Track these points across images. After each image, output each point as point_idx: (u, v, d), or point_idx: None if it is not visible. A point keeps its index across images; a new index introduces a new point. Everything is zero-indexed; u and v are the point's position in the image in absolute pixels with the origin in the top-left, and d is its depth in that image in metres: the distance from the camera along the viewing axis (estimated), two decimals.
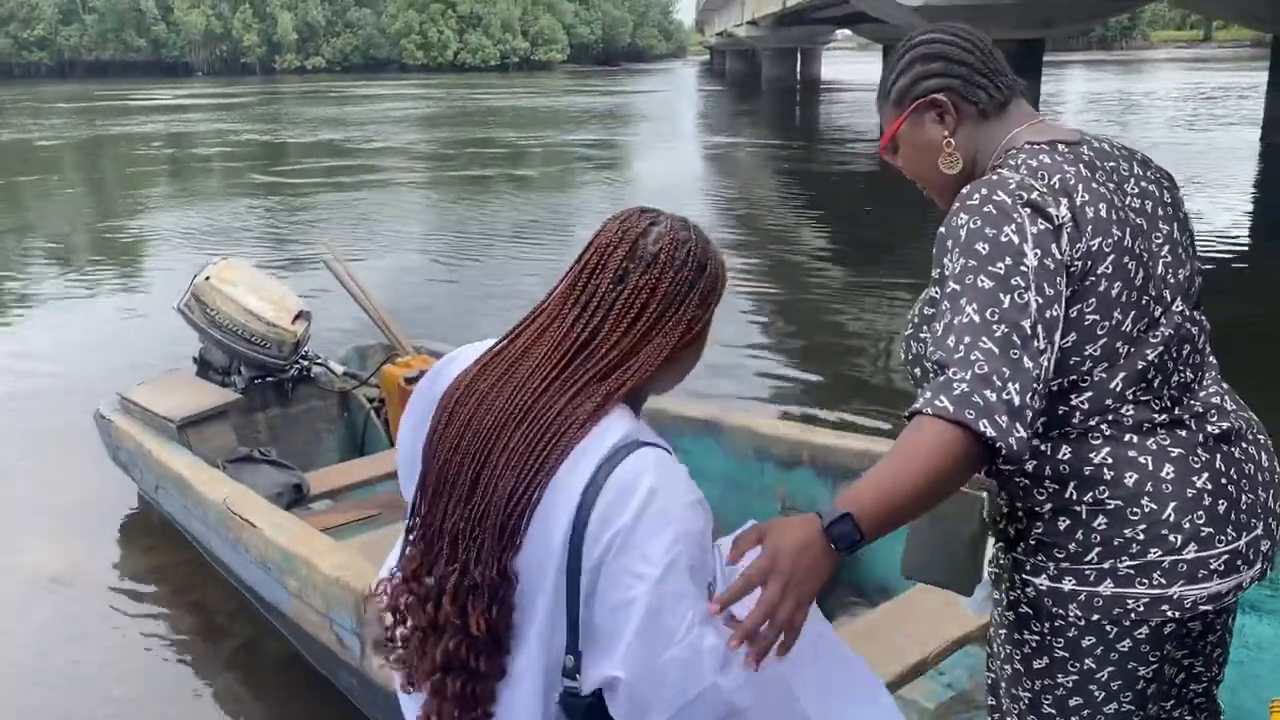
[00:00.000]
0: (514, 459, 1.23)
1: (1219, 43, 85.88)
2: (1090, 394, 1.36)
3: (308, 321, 4.45)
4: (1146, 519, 1.34)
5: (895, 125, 1.51)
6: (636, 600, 1.18)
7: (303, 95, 46.17)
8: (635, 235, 1.31)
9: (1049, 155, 1.38)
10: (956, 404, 1.18)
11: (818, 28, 43.98)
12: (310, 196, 14.86)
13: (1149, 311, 1.36)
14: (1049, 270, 1.26)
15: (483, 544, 1.23)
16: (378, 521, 3.97)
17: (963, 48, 1.46)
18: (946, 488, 1.21)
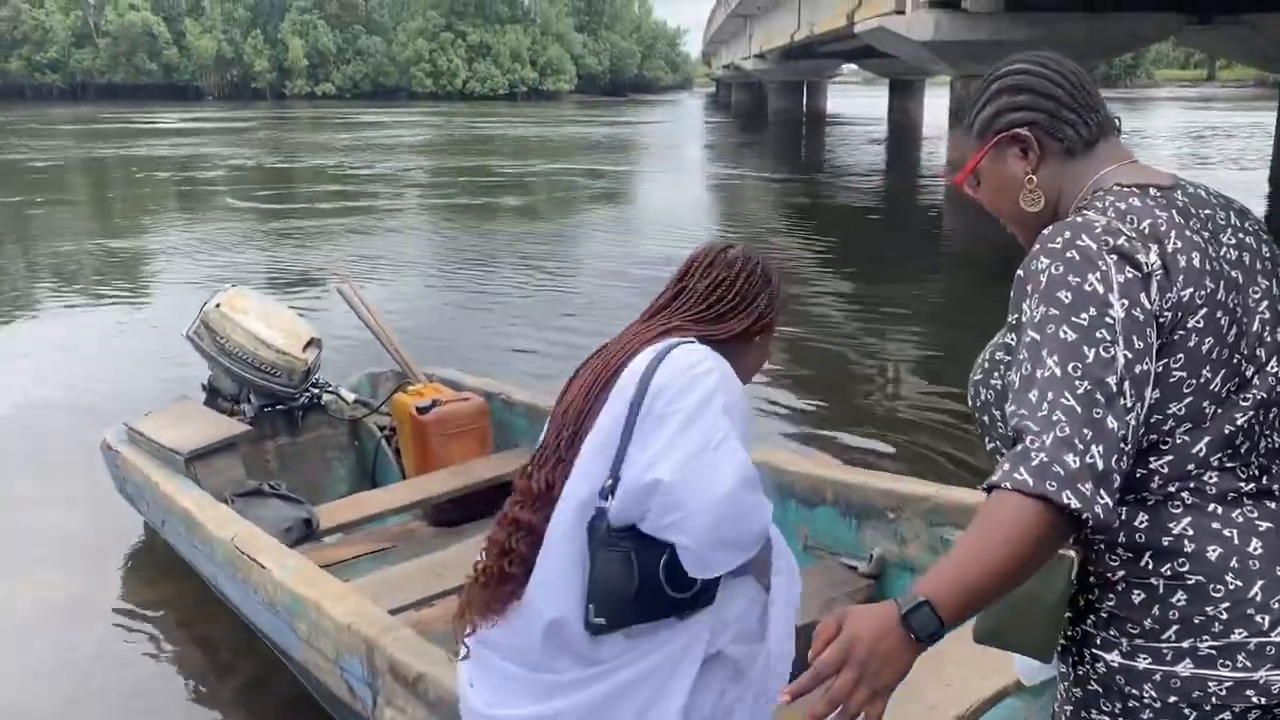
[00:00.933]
0: (584, 382, 1.64)
1: (1222, 82, 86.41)
2: (1171, 458, 1.26)
3: (318, 349, 4.40)
4: (1230, 597, 1.24)
5: (977, 158, 1.44)
6: (677, 413, 1.50)
7: (312, 121, 46.45)
8: (718, 251, 1.77)
9: (1139, 199, 1.30)
10: (1036, 476, 1.12)
11: (824, 62, 44.24)
12: (322, 223, 14.87)
13: (1240, 371, 1.27)
14: (1138, 321, 1.19)
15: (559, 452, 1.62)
16: (391, 556, 3.90)
17: (1052, 80, 1.38)
18: (1032, 566, 1.15)
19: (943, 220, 16.09)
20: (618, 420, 1.55)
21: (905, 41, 17.46)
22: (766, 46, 41.56)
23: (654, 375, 1.55)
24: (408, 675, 2.32)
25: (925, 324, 8.55)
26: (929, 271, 11.24)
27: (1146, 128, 36.26)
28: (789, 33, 33.43)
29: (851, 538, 3.13)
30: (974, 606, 1.16)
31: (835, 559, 3.13)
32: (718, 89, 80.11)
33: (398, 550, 3.97)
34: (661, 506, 1.48)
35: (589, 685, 1.58)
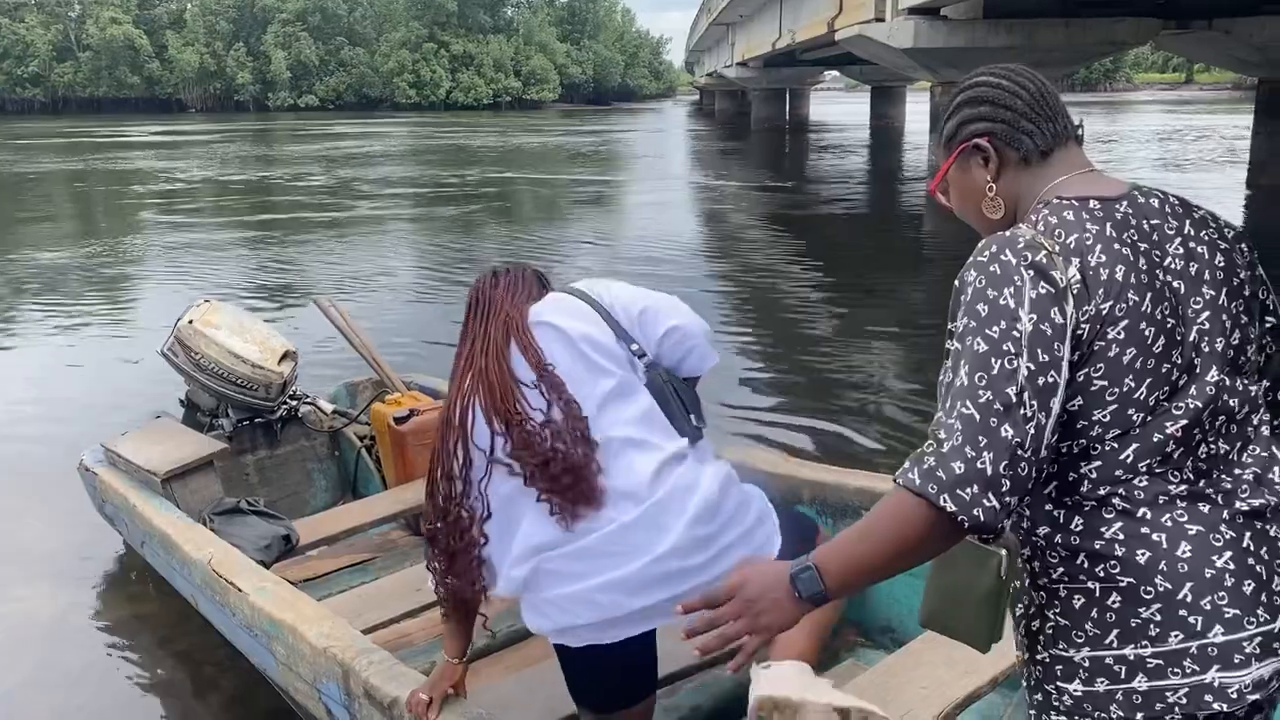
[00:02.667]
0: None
1: (1200, 85, 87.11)
2: (1100, 463, 1.31)
3: (294, 361, 4.39)
4: (1160, 599, 1.28)
5: (945, 166, 1.51)
6: (636, 296, 2.14)
7: (293, 132, 46.38)
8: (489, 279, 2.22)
9: (1073, 212, 1.34)
10: (923, 478, 1.23)
11: (807, 69, 44.39)
12: (300, 234, 14.84)
13: (1170, 380, 1.30)
14: (1045, 335, 1.24)
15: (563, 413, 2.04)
16: (371, 568, 3.89)
17: (1010, 91, 1.43)
18: (913, 556, 1.28)
19: (924, 225, 16.16)
20: (599, 327, 2.04)
21: (886, 48, 17.55)
22: (749, 54, 41.71)
23: (583, 292, 2.10)
24: (382, 700, 2.31)
25: (906, 327, 8.58)
26: (911, 275, 11.30)
27: (1126, 130, 36.54)
28: (771, 40, 33.56)
29: (830, 537, 3.13)
30: (856, 582, 1.33)
31: None
32: (701, 97, 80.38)
33: (379, 561, 3.96)
34: (682, 335, 2.09)
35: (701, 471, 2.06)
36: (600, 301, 2.09)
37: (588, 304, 2.08)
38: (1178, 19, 16.65)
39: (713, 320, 9.16)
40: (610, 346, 2.04)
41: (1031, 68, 1.48)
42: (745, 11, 39.19)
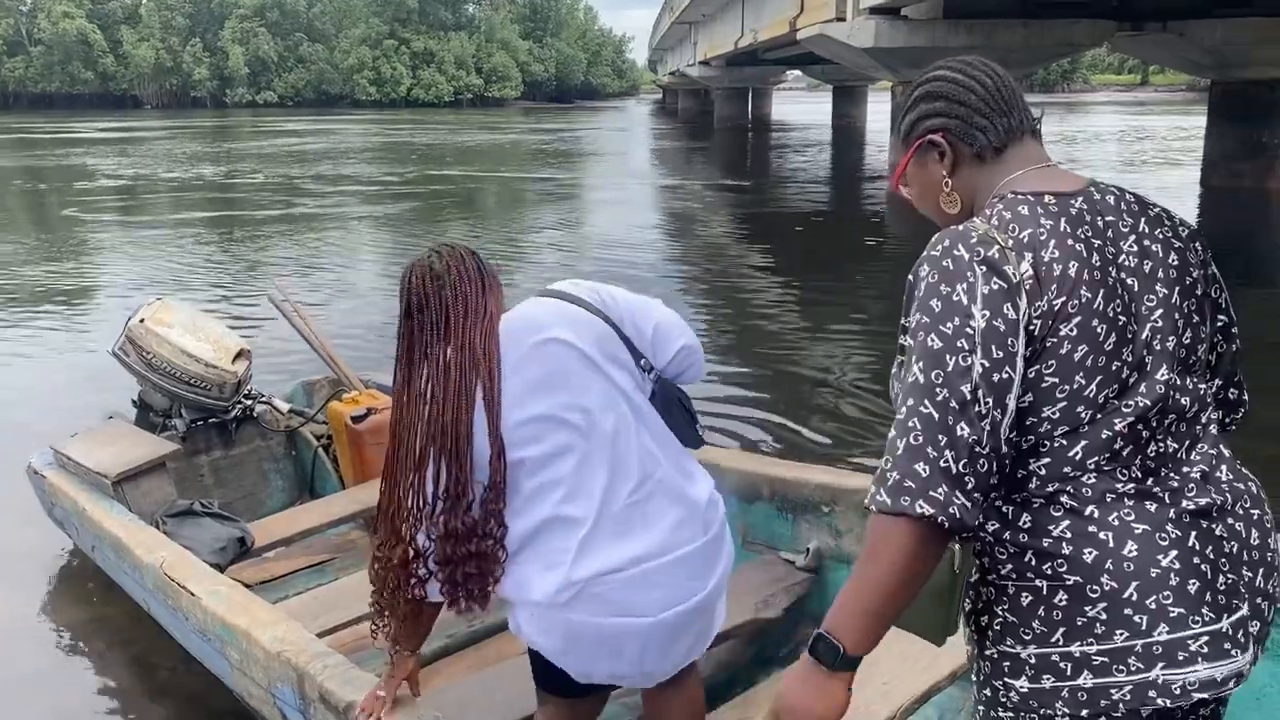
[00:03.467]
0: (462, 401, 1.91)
1: (1155, 86, 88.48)
2: (1049, 460, 1.31)
3: (249, 360, 4.31)
4: (1106, 597, 1.27)
5: (904, 161, 1.52)
6: (639, 307, 2.04)
7: (249, 129, 45.86)
8: (425, 273, 2.01)
9: (1028, 207, 1.34)
10: (893, 494, 1.23)
11: (769, 68, 44.58)
12: (257, 231, 14.67)
13: (1120, 378, 1.30)
14: (999, 331, 1.24)
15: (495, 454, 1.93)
16: (329, 569, 3.84)
17: (965, 86, 1.43)
18: (917, 578, 1.26)
19: (885, 224, 16.26)
20: (609, 334, 1.95)
21: (847, 48, 17.62)
22: (711, 53, 41.80)
23: (588, 301, 1.97)
24: (338, 704, 2.28)
25: (867, 323, 8.63)
26: (871, 273, 11.36)
27: (1084, 130, 37.01)
28: (733, 40, 33.64)
29: (788, 532, 3.14)
30: (874, 628, 1.28)
31: (774, 554, 3.15)
32: (664, 96, 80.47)
33: (337, 561, 3.91)
34: (688, 352, 2.05)
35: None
36: (606, 311, 1.96)
37: (591, 313, 1.95)
38: (1133, 21, 16.86)
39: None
40: (626, 360, 1.96)
41: None
42: (708, 10, 39.27)
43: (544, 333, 1.90)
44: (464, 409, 1.84)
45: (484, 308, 1.92)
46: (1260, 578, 1.35)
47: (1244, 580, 1.33)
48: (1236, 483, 1.38)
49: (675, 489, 1.96)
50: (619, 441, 1.91)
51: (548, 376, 1.89)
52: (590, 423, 1.89)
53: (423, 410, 1.86)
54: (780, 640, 2.98)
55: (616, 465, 1.90)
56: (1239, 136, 17.51)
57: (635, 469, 1.92)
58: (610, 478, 1.89)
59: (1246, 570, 1.34)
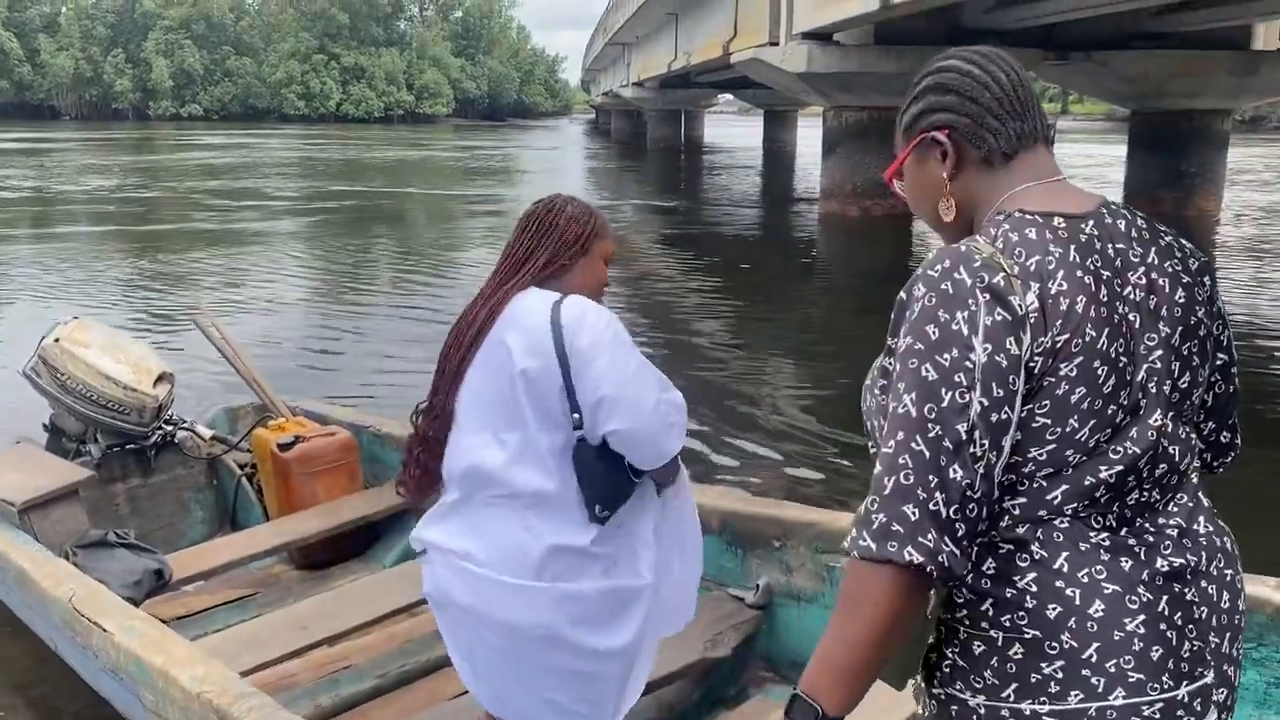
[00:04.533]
0: (455, 338, 2.00)
1: (1075, 115, 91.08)
2: (1025, 500, 1.22)
3: (171, 384, 4.13)
4: (1065, 655, 1.19)
5: (902, 156, 1.38)
6: (601, 354, 1.87)
7: (169, 141, 44.86)
8: (529, 211, 2.10)
9: (1036, 230, 1.23)
10: (878, 539, 1.14)
11: (702, 91, 44.87)
12: (182, 249, 14.27)
13: (1113, 422, 1.21)
14: (1000, 368, 1.14)
15: (445, 388, 2.00)
16: (250, 604, 3.66)
17: (981, 82, 1.30)
18: (900, 628, 1.17)
19: (815, 246, 16.42)
20: (552, 374, 1.87)
21: (779, 72, 17.75)
22: (644, 75, 41.97)
23: (563, 333, 1.87)
24: None
25: (802, 349, 8.63)
26: (805, 297, 11.41)
27: None
28: (666, 62, 33.81)
29: (738, 568, 3.06)
30: (856, 685, 1.18)
31: (723, 590, 3.05)
32: (597, 115, 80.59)
33: (261, 596, 3.74)
34: (621, 439, 1.89)
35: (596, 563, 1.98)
36: (568, 351, 1.88)
37: (554, 345, 1.88)
38: (1058, 50, 17.28)
39: None
40: (552, 409, 1.90)
41: None
42: (641, 32, 39.44)
43: (501, 331, 1.94)
44: (459, 345, 1.98)
45: (527, 266, 2.01)
46: (1226, 643, 1.29)
47: (1210, 647, 1.26)
48: (1214, 536, 1.31)
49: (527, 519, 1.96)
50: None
51: (489, 372, 1.94)
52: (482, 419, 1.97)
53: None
54: (729, 680, 2.89)
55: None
56: (1159, 165, 18.06)
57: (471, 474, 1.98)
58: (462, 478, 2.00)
59: (1214, 636, 1.27)
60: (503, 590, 1.93)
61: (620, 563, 1.98)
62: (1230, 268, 13.36)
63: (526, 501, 1.93)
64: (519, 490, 1.93)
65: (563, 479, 1.92)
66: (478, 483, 1.96)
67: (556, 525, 1.93)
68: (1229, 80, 17.04)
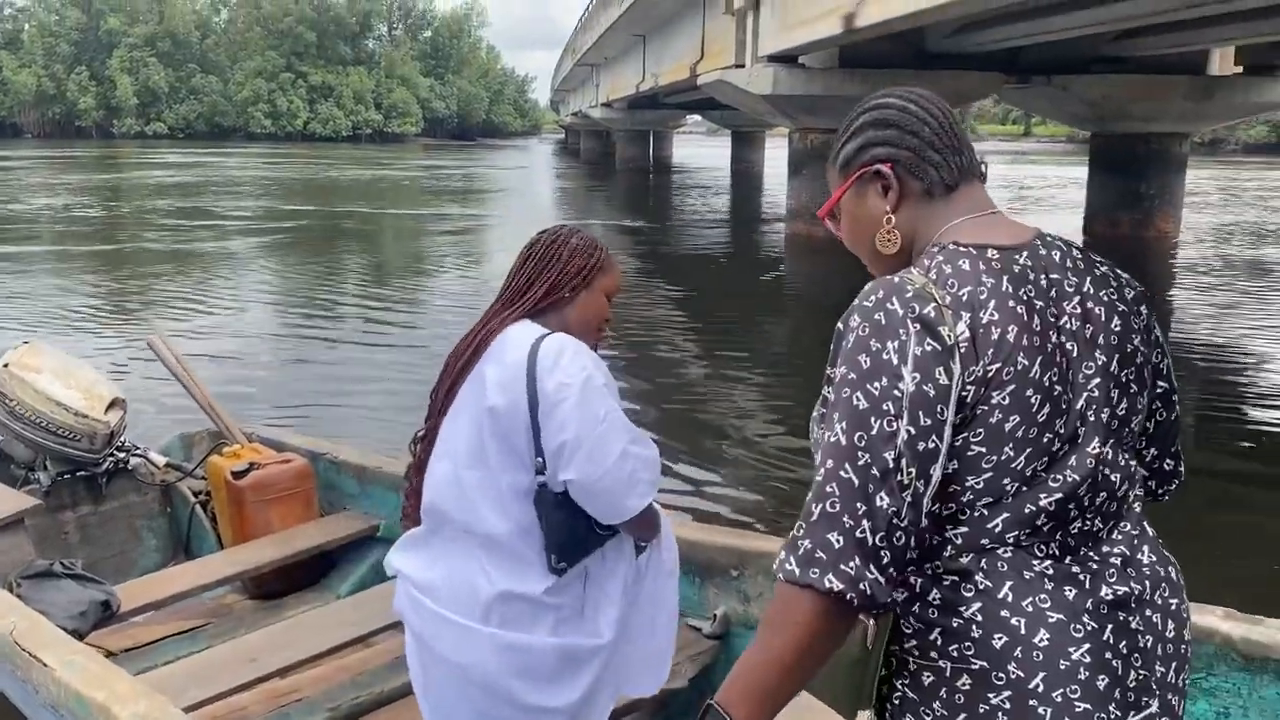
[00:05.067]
0: (449, 365, 1.97)
1: (1037, 137, 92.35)
2: (967, 529, 1.23)
3: (123, 410, 4.05)
4: (1012, 686, 1.19)
5: (839, 192, 1.40)
6: (567, 398, 1.80)
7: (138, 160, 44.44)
8: (531, 243, 2.03)
9: (969, 261, 1.24)
10: (802, 564, 1.15)
11: (670, 112, 45.09)
12: (139, 270, 14.10)
13: (1050, 450, 1.22)
14: (928, 397, 1.16)
15: (434, 415, 1.98)
16: (201, 635, 3.58)
17: (919, 117, 1.33)
18: (819, 653, 1.18)
19: (783, 266, 16.49)
20: (520, 413, 1.82)
21: (745, 94, 17.86)
22: (613, 95, 42.11)
23: (536, 371, 1.82)
24: None
25: (768, 369, 8.65)
26: (772, 317, 11.44)
27: None
28: (634, 83, 33.94)
29: (695, 597, 3.03)
30: (769, 704, 1.18)
31: (680, 620, 3.02)
32: (567, 135, 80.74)
33: (212, 628, 3.66)
34: (578, 490, 1.82)
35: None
36: (538, 390, 1.82)
37: (526, 384, 1.83)
38: (1020, 74, 17.53)
39: None
40: (517, 450, 1.85)
41: None
42: (610, 53, 39.60)
43: (484, 361, 1.91)
44: (449, 372, 1.97)
45: (525, 296, 1.97)
46: (1172, 672, 1.29)
47: (1156, 676, 1.27)
48: (1158, 566, 1.32)
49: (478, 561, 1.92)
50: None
51: (464, 404, 1.91)
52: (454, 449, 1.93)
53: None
54: (686, 710, 2.85)
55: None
56: (1118, 187, 18.33)
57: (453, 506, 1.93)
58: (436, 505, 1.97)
59: (1159, 665, 1.27)
60: (450, 628, 1.90)
61: (575, 618, 1.90)
62: (1188, 288, 13.56)
63: (479, 541, 1.88)
64: (472, 529, 1.88)
65: (521, 523, 1.86)
66: (440, 516, 1.94)
67: (509, 570, 1.87)
68: (1186, 104, 17.36)
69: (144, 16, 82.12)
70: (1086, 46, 16.59)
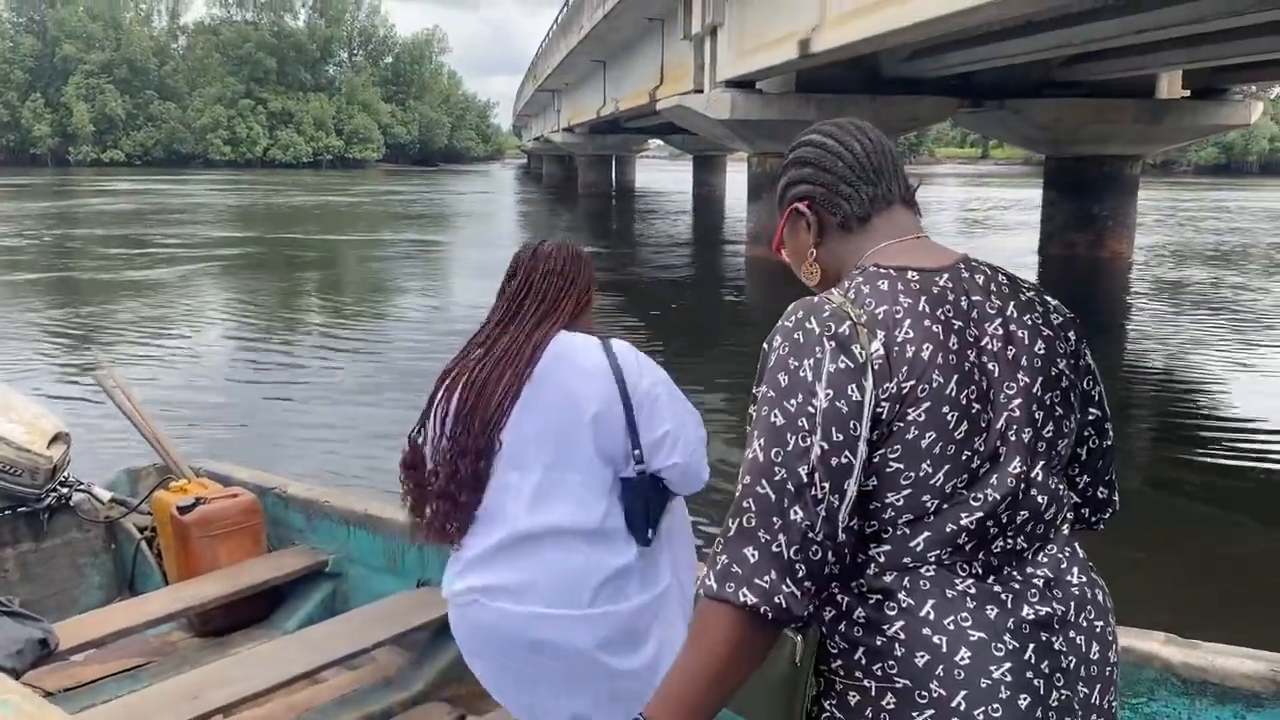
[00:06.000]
0: (500, 384, 1.99)
1: (995, 160, 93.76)
2: (889, 548, 1.24)
3: (67, 444, 3.97)
4: (934, 704, 1.20)
5: (779, 227, 1.47)
6: (659, 393, 2.02)
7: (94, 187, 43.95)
8: (536, 248, 2.13)
9: (888, 282, 1.28)
10: (719, 580, 1.18)
11: (631, 136, 45.33)
12: (86, 300, 13.91)
13: (969, 467, 1.23)
14: (841, 413, 1.19)
15: (482, 427, 1.99)
16: (144, 674, 3.50)
17: (834, 153, 1.38)
18: (739, 666, 1.19)
19: (745, 289, 16.57)
20: (616, 414, 1.96)
21: (704, 119, 18.01)
22: (574, 120, 42.26)
23: (624, 375, 1.98)
24: None
25: (726, 391, 8.66)
26: (732, 339, 11.48)
27: (929, 200, 38.78)
28: (595, 108, 34.10)
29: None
30: (695, 716, 1.20)
31: None
32: (529, 161, 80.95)
33: (155, 666, 3.57)
34: (680, 471, 2.01)
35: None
36: (630, 393, 1.99)
37: (618, 387, 1.98)
38: (973, 99, 17.81)
39: None
40: (613, 447, 1.99)
41: None
42: (570, 79, 39.77)
43: (546, 376, 1.99)
44: (499, 382, 1.99)
45: (561, 307, 2.07)
46: (1096, 694, 1.30)
47: (1079, 697, 1.27)
48: (1086, 588, 1.32)
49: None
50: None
51: (545, 412, 1.97)
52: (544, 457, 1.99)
53: (464, 376, 2.03)
54: None
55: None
56: (1072, 209, 18.65)
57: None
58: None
59: (1083, 687, 1.28)
60: (554, 623, 1.97)
61: (650, 570, 2.06)
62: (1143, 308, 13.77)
63: (582, 535, 1.97)
64: (576, 525, 1.97)
65: (610, 509, 2.00)
66: (522, 521, 1.98)
67: (610, 551, 2.00)
68: (1136, 127, 17.72)
69: (100, 43, 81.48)
70: (1038, 71, 16.91)
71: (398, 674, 3.22)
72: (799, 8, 13.13)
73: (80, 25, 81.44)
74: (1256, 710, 1.91)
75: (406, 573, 3.47)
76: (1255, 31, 11.95)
